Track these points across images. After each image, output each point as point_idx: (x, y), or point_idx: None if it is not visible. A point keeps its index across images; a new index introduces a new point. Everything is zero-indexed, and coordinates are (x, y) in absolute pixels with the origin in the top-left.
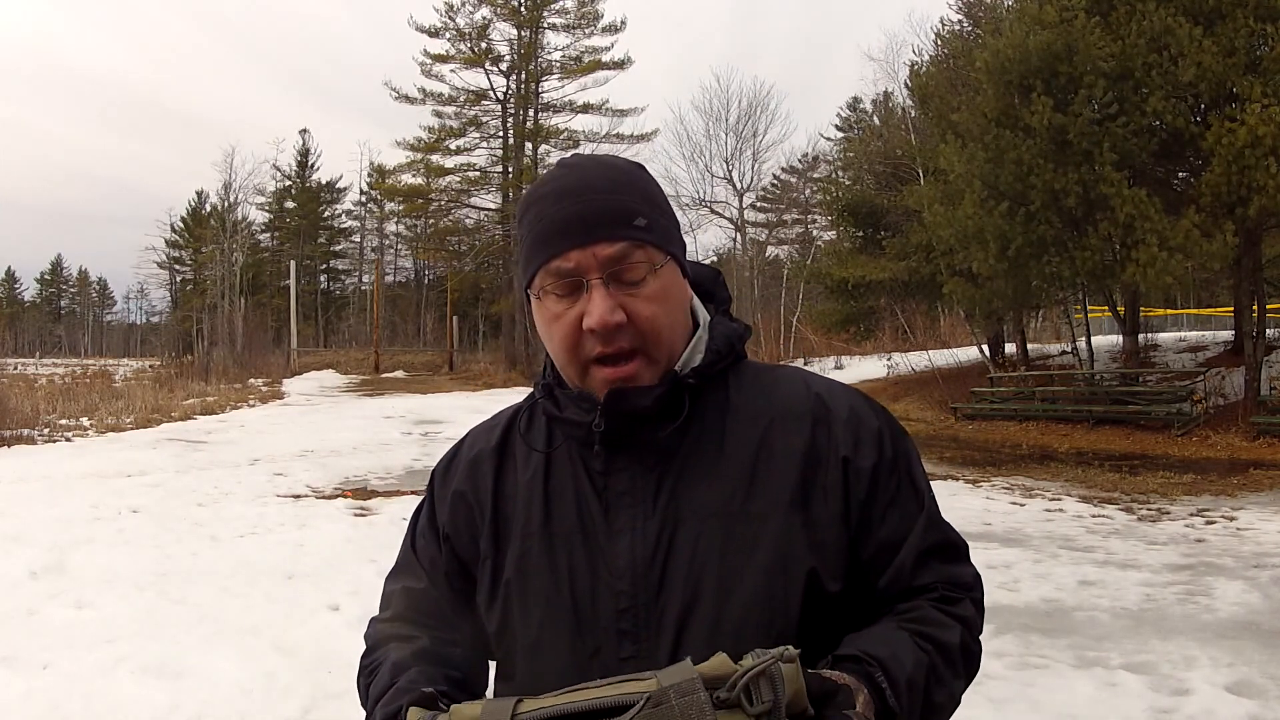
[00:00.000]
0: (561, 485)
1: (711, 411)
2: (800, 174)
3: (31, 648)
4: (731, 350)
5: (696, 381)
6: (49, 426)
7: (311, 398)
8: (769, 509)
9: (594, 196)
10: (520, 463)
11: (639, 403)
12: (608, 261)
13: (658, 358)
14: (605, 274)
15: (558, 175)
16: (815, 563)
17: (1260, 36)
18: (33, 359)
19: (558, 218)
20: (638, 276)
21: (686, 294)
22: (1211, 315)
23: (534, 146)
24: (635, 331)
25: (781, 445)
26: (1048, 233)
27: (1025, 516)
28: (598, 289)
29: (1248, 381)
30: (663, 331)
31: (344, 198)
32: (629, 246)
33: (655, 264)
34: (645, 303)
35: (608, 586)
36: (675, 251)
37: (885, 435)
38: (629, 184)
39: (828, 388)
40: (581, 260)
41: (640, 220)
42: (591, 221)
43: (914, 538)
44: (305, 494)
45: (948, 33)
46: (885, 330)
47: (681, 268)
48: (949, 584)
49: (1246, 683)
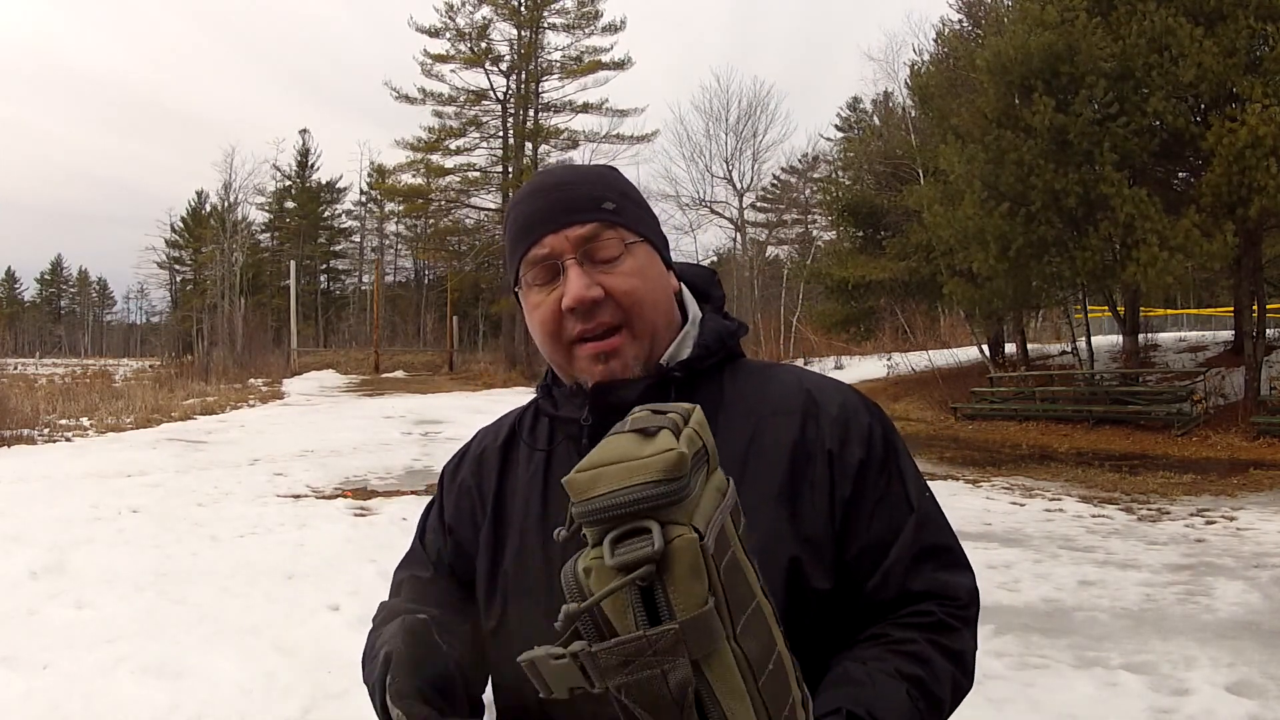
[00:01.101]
0: (559, 478)
1: (705, 406)
2: (800, 174)
3: (31, 648)
4: (722, 346)
5: (683, 374)
6: (49, 426)
7: (311, 398)
8: (757, 502)
9: (565, 188)
10: (523, 460)
11: (625, 395)
12: (579, 241)
13: (641, 333)
14: (579, 253)
15: (532, 179)
16: (799, 552)
17: (1261, 37)
18: (33, 359)
19: (532, 210)
20: (612, 254)
21: (667, 280)
22: (1211, 315)
23: (534, 146)
24: (615, 306)
25: (772, 440)
26: (1048, 233)
27: (1025, 516)
28: (573, 268)
29: (1248, 381)
30: (644, 307)
31: (344, 198)
32: (599, 227)
33: (627, 241)
34: (622, 277)
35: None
36: (649, 236)
37: (875, 432)
38: (599, 178)
39: (820, 384)
40: (555, 244)
41: (609, 204)
42: (561, 208)
43: (904, 540)
44: (305, 494)
45: (948, 33)
46: (885, 330)
47: (663, 257)
48: (942, 598)
49: (1246, 683)
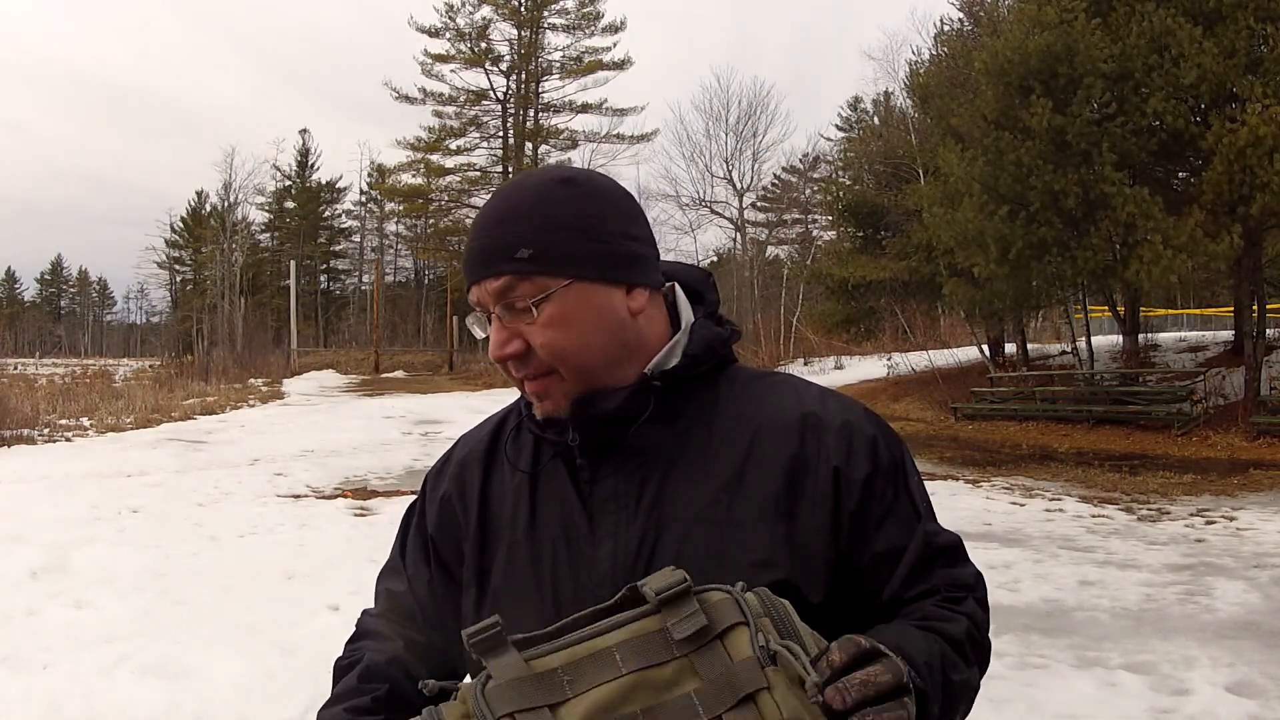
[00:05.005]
0: (548, 492)
1: (698, 415)
2: (800, 174)
3: (31, 648)
4: (712, 354)
5: (663, 384)
6: (49, 426)
7: (311, 398)
8: (753, 518)
9: (489, 232)
10: (508, 469)
11: (604, 406)
12: (496, 295)
13: (572, 376)
14: (499, 306)
15: (485, 205)
16: (791, 573)
17: (1260, 37)
18: (33, 359)
19: (467, 252)
20: (523, 307)
21: (610, 311)
22: (1211, 315)
23: (534, 146)
24: (538, 359)
25: (770, 453)
26: (1048, 233)
27: (1025, 516)
28: (495, 321)
29: (1248, 381)
30: (568, 356)
31: (344, 198)
32: (512, 280)
33: (547, 290)
34: (539, 330)
35: (590, 594)
36: (580, 273)
37: (880, 444)
38: (524, 215)
39: (820, 396)
40: (479, 295)
41: (523, 251)
42: (480, 258)
43: (914, 548)
44: (305, 494)
45: (948, 32)
46: (885, 330)
47: (613, 278)
48: (950, 585)
49: (1246, 683)
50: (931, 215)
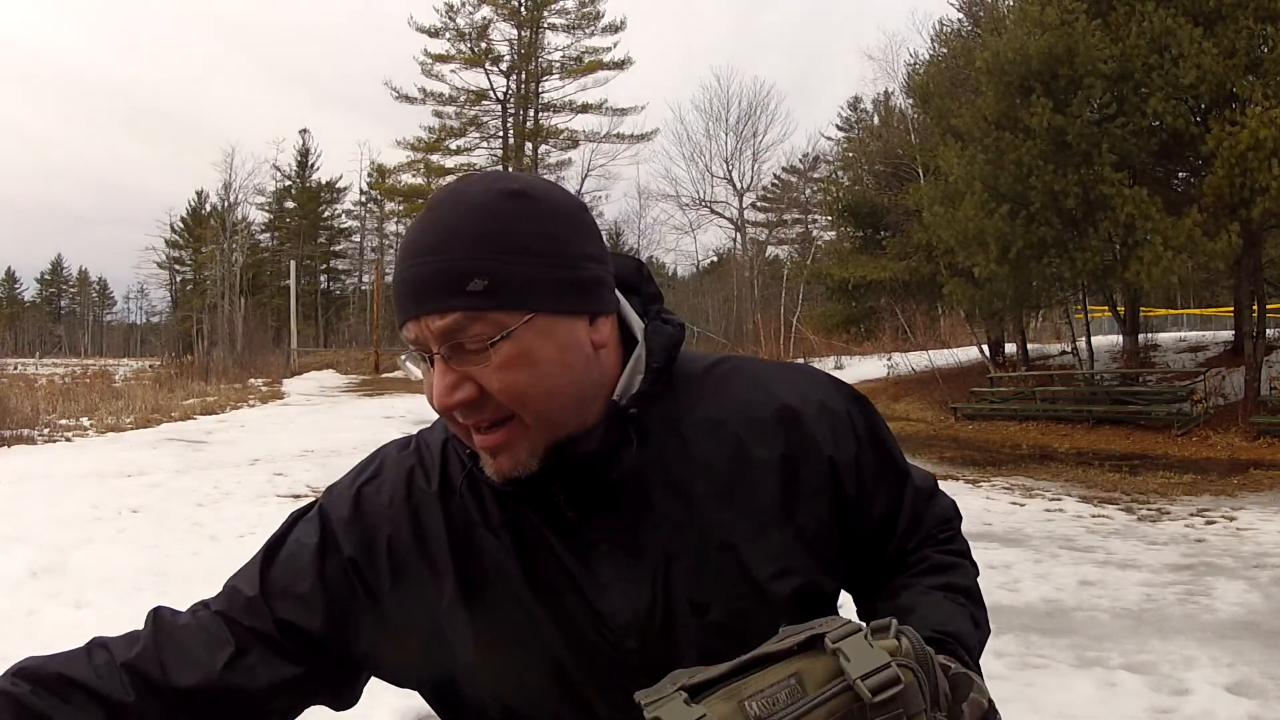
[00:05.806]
0: (529, 539)
1: (663, 424)
2: (800, 174)
3: (31, 648)
4: (672, 361)
5: (640, 410)
6: (49, 426)
7: (311, 398)
8: (758, 527)
9: (421, 260)
10: (472, 507)
11: (583, 449)
12: (442, 334)
13: (536, 423)
14: (444, 347)
15: (412, 225)
16: (809, 574)
17: (1260, 38)
18: (33, 359)
19: (398, 281)
20: (477, 348)
21: (576, 346)
22: (1211, 315)
23: (534, 146)
24: (495, 404)
25: (757, 456)
26: (1048, 233)
27: (1025, 516)
28: (438, 363)
29: (1248, 381)
30: (530, 399)
31: (344, 198)
32: (462, 318)
33: (505, 328)
34: (495, 373)
35: (611, 645)
36: (544, 305)
37: (854, 416)
38: (472, 234)
39: (782, 379)
40: (418, 332)
41: (476, 283)
42: (419, 291)
43: (907, 503)
44: (305, 494)
45: (948, 32)
46: (885, 330)
47: (578, 308)
48: (938, 524)
49: (1246, 683)
50: (931, 215)
